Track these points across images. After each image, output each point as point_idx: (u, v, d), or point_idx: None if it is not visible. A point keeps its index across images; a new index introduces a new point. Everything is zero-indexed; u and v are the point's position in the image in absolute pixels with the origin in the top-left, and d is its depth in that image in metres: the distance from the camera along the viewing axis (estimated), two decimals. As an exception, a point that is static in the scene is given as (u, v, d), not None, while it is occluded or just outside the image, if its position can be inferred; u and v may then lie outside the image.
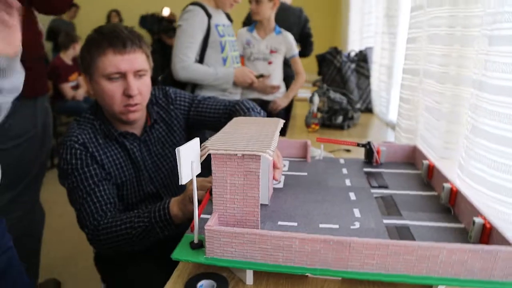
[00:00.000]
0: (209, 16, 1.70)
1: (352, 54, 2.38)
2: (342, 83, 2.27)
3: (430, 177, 0.86)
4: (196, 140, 0.57)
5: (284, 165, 0.97)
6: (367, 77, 2.25)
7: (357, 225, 0.67)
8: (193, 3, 1.71)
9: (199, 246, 0.59)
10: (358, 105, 2.24)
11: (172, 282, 0.62)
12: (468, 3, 0.79)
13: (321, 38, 3.62)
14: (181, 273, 0.64)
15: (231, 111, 1.17)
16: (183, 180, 0.54)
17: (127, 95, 1.00)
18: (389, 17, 1.59)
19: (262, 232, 0.55)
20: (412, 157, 0.99)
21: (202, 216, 0.70)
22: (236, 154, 0.56)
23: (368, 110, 2.26)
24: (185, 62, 1.65)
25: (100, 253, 1.17)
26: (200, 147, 0.58)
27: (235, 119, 0.77)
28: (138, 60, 1.01)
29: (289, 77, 2.82)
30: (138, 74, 1.02)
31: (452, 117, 0.84)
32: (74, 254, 2.14)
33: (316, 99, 1.68)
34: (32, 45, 1.31)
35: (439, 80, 0.89)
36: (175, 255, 0.59)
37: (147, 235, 0.89)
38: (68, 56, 3.85)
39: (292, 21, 2.76)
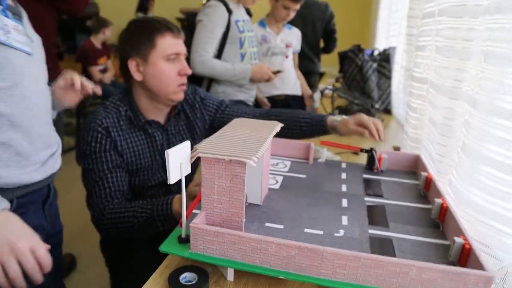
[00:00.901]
0: (229, 11, 1.72)
1: (376, 53, 2.35)
2: (363, 82, 2.25)
3: (427, 189, 0.86)
4: (187, 143, 0.60)
5: (285, 166, 0.99)
6: (388, 77, 2.22)
7: (341, 233, 0.68)
8: None
9: (186, 241, 0.63)
10: (377, 106, 2.23)
11: (159, 272, 0.66)
12: (471, 16, 0.78)
13: (347, 35, 3.57)
14: (169, 263, 0.68)
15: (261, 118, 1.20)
16: (172, 180, 0.57)
17: (183, 74, 1.10)
18: (410, 17, 1.56)
19: (241, 234, 0.58)
20: (415, 167, 0.99)
21: (197, 212, 0.73)
22: (224, 159, 0.59)
23: (387, 111, 2.23)
24: (203, 57, 1.68)
25: (106, 238, 1.24)
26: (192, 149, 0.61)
27: (234, 121, 0.80)
28: (183, 45, 1.12)
29: (310, 72, 2.82)
30: (184, 57, 1.12)
31: (449, 131, 0.83)
32: (88, 229, 2.25)
33: (317, 95, 1.71)
34: (48, 32, 1.37)
35: (442, 92, 0.88)
36: (163, 247, 0.63)
37: (148, 226, 0.94)
38: (98, 40, 3.95)
39: (316, 16, 2.73)
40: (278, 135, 1.18)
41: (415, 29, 1.47)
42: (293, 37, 2.36)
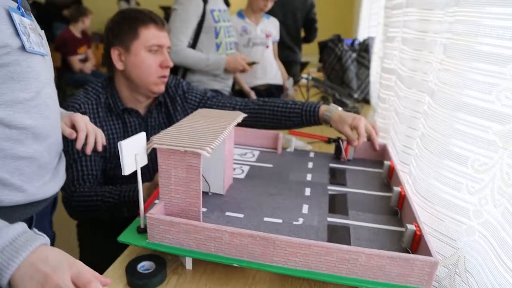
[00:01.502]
0: (205, 1, 1.70)
1: (356, 43, 2.36)
2: (342, 71, 2.26)
3: (390, 178, 0.88)
4: (142, 135, 0.60)
5: (253, 156, 1.00)
6: (367, 67, 2.23)
7: (300, 221, 0.70)
8: None
9: (144, 230, 0.64)
10: (355, 95, 2.25)
11: (119, 260, 0.67)
12: (433, 8, 0.79)
13: (329, 24, 3.57)
14: (130, 252, 0.69)
15: (240, 110, 1.19)
16: (126, 171, 0.58)
17: (165, 66, 1.11)
18: (387, 8, 1.57)
19: (195, 223, 0.58)
20: (382, 156, 1.01)
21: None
22: (179, 149, 0.59)
23: (366, 101, 2.25)
24: (177, 47, 1.67)
25: (78, 220, 1.24)
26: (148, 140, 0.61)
27: (197, 111, 0.80)
28: (168, 38, 1.13)
29: (291, 61, 2.82)
30: (167, 50, 1.13)
31: (412, 122, 0.85)
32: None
33: (289, 83, 1.75)
34: None
35: (405, 83, 0.89)
36: (122, 237, 0.63)
37: (115, 211, 0.95)
38: (77, 29, 3.88)
39: (297, 5, 2.73)
40: (265, 126, 1.18)
41: (388, 19, 1.48)
42: (272, 26, 2.36)
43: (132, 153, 0.58)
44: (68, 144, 1.03)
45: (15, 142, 0.70)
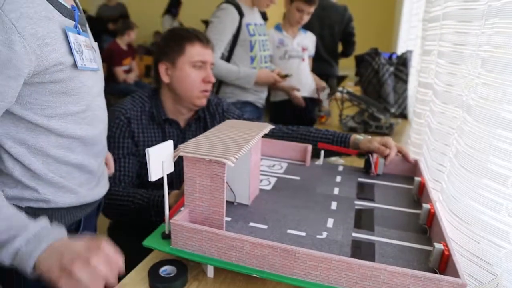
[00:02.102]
0: (241, 14, 1.74)
1: (394, 56, 2.32)
2: (379, 85, 2.22)
3: (420, 194, 0.85)
4: (169, 143, 0.62)
5: (281, 167, 1.00)
6: (405, 81, 2.18)
7: (324, 235, 0.69)
8: (227, 1, 1.76)
9: (168, 236, 0.65)
10: (392, 110, 2.19)
11: (143, 263, 0.69)
12: (471, 20, 0.77)
13: (367, 38, 3.53)
14: (154, 257, 0.71)
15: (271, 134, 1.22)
16: (152, 177, 0.60)
17: (207, 81, 1.18)
18: (425, 21, 1.53)
19: (218, 231, 0.59)
20: (413, 172, 0.98)
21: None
22: (204, 158, 0.61)
23: (403, 116, 2.20)
24: None
25: (113, 225, 1.30)
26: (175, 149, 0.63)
27: (226, 122, 0.82)
28: (211, 55, 1.20)
29: (328, 75, 2.81)
30: (211, 66, 1.21)
31: (447, 139, 0.82)
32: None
33: (324, 94, 1.75)
34: None
35: (442, 98, 0.87)
36: (146, 242, 0.65)
37: (142, 214, 0.99)
38: (123, 41, 4.08)
39: (334, 19, 2.72)
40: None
41: (425, 32, 1.45)
42: (309, 41, 2.37)
43: (159, 160, 0.60)
44: (110, 145, 1.11)
45: (67, 150, 0.77)
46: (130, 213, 1.02)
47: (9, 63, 0.61)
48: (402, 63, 2.21)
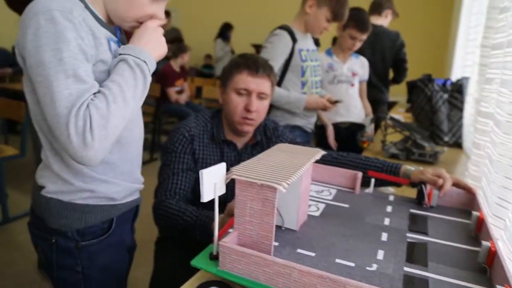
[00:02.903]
0: (294, 40, 1.77)
1: (448, 83, 2.24)
2: (431, 113, 2.15)
3: (478, 230, 0.80)
4: (222, 165, 0.64)
5: (330, 194, 0.99)
6: (460, 109, 2.09)
7: (374, 267, 0.67)
8: (281, 27, 1.80)
9: (216, 258, 0.66)
10: (446, 138, 2.11)
11: (190, 282, 0.70)
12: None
13: (420, 64, 3.44)
14: (201, 276, 0.72)
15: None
16: (204, 198, 0.62)
17: (247, 109, 1.21)
18: (483, 47, 1.48)
19: (266, 256, 0.59)
20: (470, 205, 0.93)
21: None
22: (256, 182, 0.62)
23: (458, 145, 2.10)
24: None
25: (161, 239, 1.34)
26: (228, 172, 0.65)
27: (278, 145, 0.83)
28: (264, 85, 1.23)
29: (377, 101, 2.76)
30: (260, 95, 1.23)
31: (510, 172, 0.77)
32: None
33: (368, 120, 1.73)
34: None
35: (505, 129, 0.82)
36: (194, 262, 0.67)
37: (188, 231, 1.02)
38: (177, 63, 4.27)
39: (386, 45, 2.69)
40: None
41: (486, 59, 1.40)
42: (359, 65, 2.36)
43: (212, 181, 0.62)
44: (171, 159, 1.19)
45: None
46: (177, 227, 1.05)
47: (82, 50, 0.74)
48: (457, 90, 2.13)
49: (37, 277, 2.05)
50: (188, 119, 1.27)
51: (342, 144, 2.27)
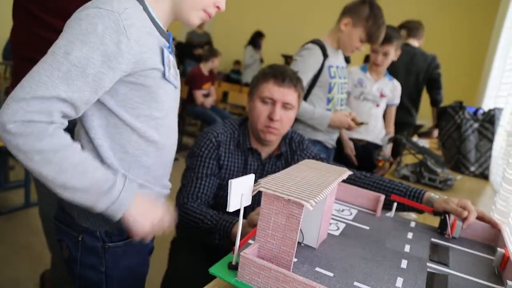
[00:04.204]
0: (325, 56, 1.78)
1: (480, 112, 2.20)
2: (459, 141, 2.11)
3: (502, 268, 0.78)
4: (251, 176, 0.65)
5: (351, 214, 0.98)
6: (490, 140, 2.05)
7: (392, 294, 0.66)
8: (314, 41, 1.81)
9: (235, 268, 0.67)
10: (472, 168, 2.06)
11: (207, 288, 0.71)
12: None
13: (452, 91, 3.39)
14: (217, 284, 0.73)
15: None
16: (231, 208, 0.63)
17: (270, 118, 1.22)
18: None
19: (286, 272, 0.60)
20: (494, 241, 0.91)
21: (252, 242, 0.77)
22: (283, 197, 0.62)
23: (484, 176, 2.05)
24: None
25: (178, 239, 1.37)
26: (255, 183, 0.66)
27: (304, 161, 0.83)
28: (289, 95, 1.24)
29: (405, 124, 2.73)
30: (285, 105, 1.24)
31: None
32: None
33: (385, 140, 1.72)
34: None
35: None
36: (213, 269, 0.67)
37: (208, 234, 1.04)
38: (206, 67, 4.34)
39: (420, 66, 2.68)
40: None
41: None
42: (391, 88, 2.33)
43: (240, 192, 0.63)
44: (197, 163, 1.21)
45: (142, 152, 0.87)
46: (198, 230, 1.07)
47: (113, 56, 0.74)
48: (488, 120, 2.09)
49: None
50: (216, 125, 1.29)
51: (358, 160, 2.25)
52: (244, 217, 1.18)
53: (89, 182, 0.75)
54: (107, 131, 0.83)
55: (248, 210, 1.24)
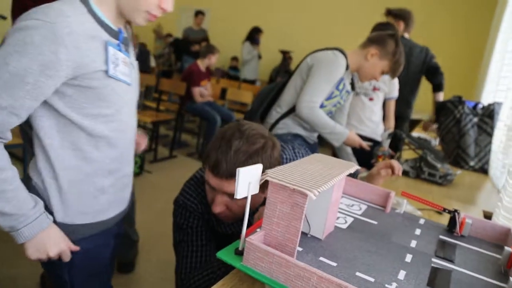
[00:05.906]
0: (347, 68, 1.80)
1: (479, 107, 2.19)
2: (459, 135, 2.10)
3: (509, 267, 0.78)
4: (259, 166, 0.64)
5: (360, 209, 0.97)
6: (489, 134, 2.04)
7: (393, 285, 0.65)
8: (343, 54, 1.80)
9: (241, 253, 0.67)
10: (472, 163, 2.06)
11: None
12: None
13: (450, 85, 3.38)
14: (225, 283, 0.72)
15: None
16: (238, 195, 0.62)
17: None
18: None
19: (288, 258, 0.60)
20: (503, 240, 0.90)
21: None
22: (289, 186, 0.62)
23: (484, 170, 2.05)
24: (314, 104, 1.74)
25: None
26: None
27: (314, 155, 0.83)
28: (229, 187, 0.95)
29: (402, 117, 2.73)
30: (230, 195, 0.98)
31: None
32: (165, 235, 2.42)
33: (384, 135, 1.81)
34: None
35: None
36: (220, 254, 0.68)
37: (227, 270, 0.93)
38: (204, 64, 4.33)
39: (419, 56, 2.69)
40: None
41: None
42: (385, 81, 2.34)
43: (247, 180, 0.62)
44: (191, 236, 1.09)
45: (93, 147, 0.91)
46: (216, 280, 0.96)
47: (52, 65, 0.77)
48: (488, 114, 2.08)
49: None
50: (186, 192, 1.12)
51: (356, 155, 2.26)
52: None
53: (9, 209, 0.82)
54: (57, 130, 0.87)
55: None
